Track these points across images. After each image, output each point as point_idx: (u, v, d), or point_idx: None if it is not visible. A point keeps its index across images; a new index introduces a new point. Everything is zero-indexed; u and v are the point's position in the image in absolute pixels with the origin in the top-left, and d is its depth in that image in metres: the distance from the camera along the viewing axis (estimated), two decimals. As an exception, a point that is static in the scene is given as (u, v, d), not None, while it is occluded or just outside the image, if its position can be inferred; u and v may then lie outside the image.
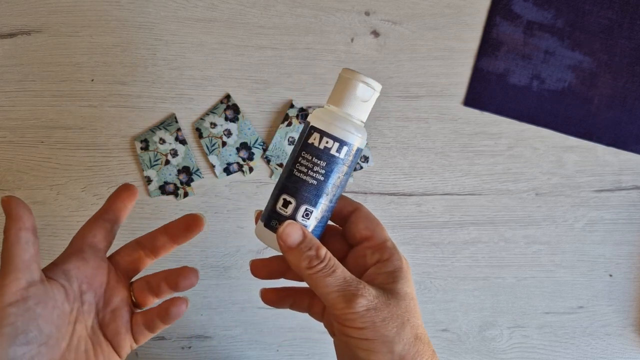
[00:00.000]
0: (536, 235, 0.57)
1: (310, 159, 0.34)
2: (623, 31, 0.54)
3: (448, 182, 0.55)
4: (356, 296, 0.31)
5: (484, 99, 0.54)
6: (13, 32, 0.50)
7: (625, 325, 0.59)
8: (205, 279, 0.55)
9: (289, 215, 0.34)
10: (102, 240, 0.36)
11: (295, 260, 0.32)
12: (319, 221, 0.34)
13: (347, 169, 0.34)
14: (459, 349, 0.58)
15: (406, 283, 0.34)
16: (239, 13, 0.51)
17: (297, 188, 0.34)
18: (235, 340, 0.57)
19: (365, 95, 0.34)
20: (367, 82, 0.34)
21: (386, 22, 0.53)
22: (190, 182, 0.53)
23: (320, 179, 0.34)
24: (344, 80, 0.34)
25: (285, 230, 0.32)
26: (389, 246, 0.35)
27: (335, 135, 0.33)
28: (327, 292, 0.32)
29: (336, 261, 0.33)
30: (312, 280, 0.32)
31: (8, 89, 0.51)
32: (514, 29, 0.53)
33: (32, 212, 0.33)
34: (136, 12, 0.51)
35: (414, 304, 0.33)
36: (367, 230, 0.36)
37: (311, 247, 0.32)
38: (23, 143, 0.52)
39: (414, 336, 0.32)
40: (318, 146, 0.33)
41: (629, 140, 0.55)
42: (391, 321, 0.31)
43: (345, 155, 0.34)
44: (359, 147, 0.34)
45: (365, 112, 0.35)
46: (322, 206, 0.34)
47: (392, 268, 0.34)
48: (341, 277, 0.32)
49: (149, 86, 0.52)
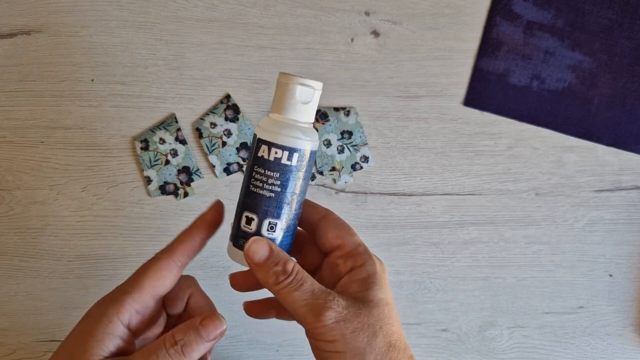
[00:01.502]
0: (536, 235, 0.57)
1: (263, 172, 0.33)
2: (623, 31, 0.54)
3: (448, 182, 0.55)
4: (324, 309, 0.31)
5: (484, 99, 0.54)
6: (13, 32, 0.50)
7: (625, 325, 0.59)
8: (205, 279, 0.55)
9: (254, 232, 0.33)
10: (168, 287, 0.35)
11: (263, 276, 0.32)
12: (285, 231, 0.34)
13: (304, 174, 0.34)
14: (459, 349, 0.58)
15: (380, 289, 0.33)
16: (239, 13, 0.51)
17: (257, 203, 0.33)
18: (235, 340, 0.56)
19: (305, 97, 0.33)
20: (305, 83, 0.33)
21: (386, 22, 0.53)
22: (191, 182, 0.53)
23: (277, 190, 0.33)
24: (281, 85, 0.33)
25: (251, 248, 0.32)
26: (360, 252, 0.34)
27: (283, 144, 0.32)
28: (295, 307, 0.31)
29: (304, 274, 0.32)
30: (281, 296, 0.32)
31: (8, 89, 0.51)
32: (514, 29, 0.53)
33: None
34: (136, 12, 0.51)
35: (389, 310, 0.33)
36: (338, 238, 0.35)
37: (278, 262, 0.32)
38: (23, 143, 0.52)
39: (386, 344, 0.31)
40: (268, 158, 0.33)
41: (629, 140, 0.55)
42: (361, 332, 0.31)
43: (297, 162, 0.33)
44: (311, 150, 0.33)
45: (310, 113, 0.34)
46: (285, 216, 0.33)
47: (364, 275, 0.33)
48: (309, 290, 0.31)
49: (149, 86, 0.52)
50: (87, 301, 0.55)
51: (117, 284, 0.36)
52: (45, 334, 0.55)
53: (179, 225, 0.54)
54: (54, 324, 0.55)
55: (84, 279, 0.54)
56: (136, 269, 0.34)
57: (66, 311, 0.55)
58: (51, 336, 0.55)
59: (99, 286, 0.54)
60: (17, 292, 0.53)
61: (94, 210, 0.53)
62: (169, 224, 0.54)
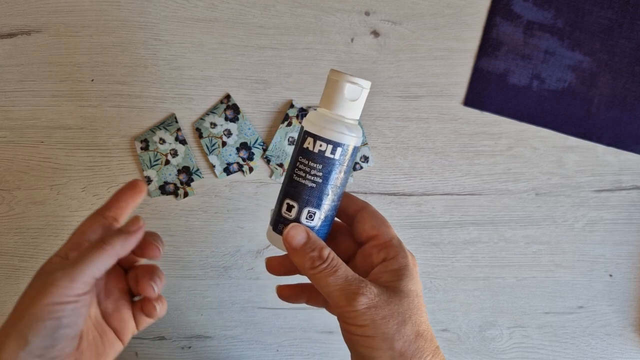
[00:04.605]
0: (536, 235, 0.57)
1: (307, 163, 0.34)
2: (623, 31, 0.54)
3: (448, 182, 0.55)
4: (357, 295, 0.32)
5: (484, 99, 0.54)
6: (13, 32, 0.50)
7: (625, 325, 0.59)
8: (205, 279, 0.55)
9: (293, 219, 0.35)
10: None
11: (300, 260, 0.34)
12: (323, 221, 0.36)
13: (345, 168, 0.35)
14: (459, 349, 0.58)
15: (411, 281, 0.35)
16: (239, 13, 0.51)
17: (299, 192, 0.35)
18: (235, 340, 0.57)
19: (353, 94, 0.35)
20: (355, 82, 0.34)
21: (386, 22, 0.53)
22: (190, 182, 0.53)
23: (319, 181, 0.34)
24: (331, 82, 0.35)
25: (290, 233, 0.34)
26: (394, 244, 0.36)
27: (328, 138, 0.34)
28: (329, 291, 0.33)
29: (339, 261, 0.34)
30: (316, 280, 0.33)
31: (8, 89, 0.51)
32: (514, 29, 0.53)
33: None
34: (136, 12, 0.51)
35: (418, 301, 0.34)
36: (373, 229, 0.37)
37: (314, 248, 0.34)
38: (23, 143, 0.52)
39: (415, 333, 0.33)
40: (313, 150, 0.34)
41: (629, 140, 0.55)
42: (391, 319, 0.32)
43: (340, 156, 0.34)
44: (354, 146, 0.35)
45: (357, 110, 0.35)
46: (324, 207, 0.35)
47: (397, 266, 0.35)
48: (343, 276, 0.33)
49: (149, 86, 0.52)
50: (87, 301, 0.55)
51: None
52: (45, 334, 0.55)
53: (179, 225, 0.54)
54: (54, 324, 0.55)
55: (84, 279, 0.54)
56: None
57: (66, 311, 0.55)
58: (51, 336, 0.55)
59: (99, 286, 0.54)
60: (17, 292, 0.53)
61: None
62: (168, 224, 0.54)
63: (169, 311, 0.55)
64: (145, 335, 0.56)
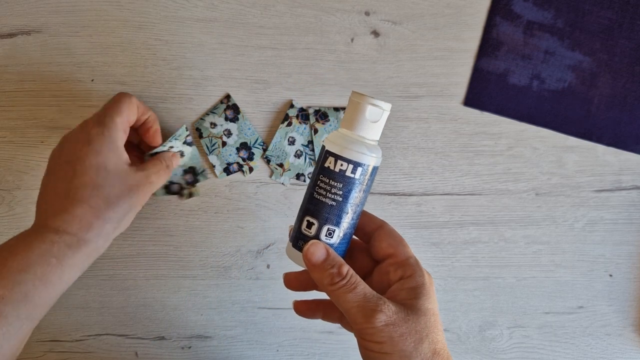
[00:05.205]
0: (536, 235, 0.57)
1: (327, 181, 0.35)
2: (623, 31, 0.54)
3: (448, 182, 0.55)
4: (375, 312, 0.33)
5: (484, 99, 0.54)
6: (13, 32, 0.50)
7: (625, 325, 0.59)
8: (205, 279, 0.55)
9: (313, 235, 0.36)
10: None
11: (319, 277, 0.35)
12: (342, 238, 0.36)
13: (365, 187, 0.36)
14: (459, 349, 0.58)
15: (428, 299, 0.35)
16: (239, 13, 0.51)
17: (319, 210, 0.36)
18: (235, 340, 0.57)
19: (374, 116, 0.36)
20: (376, 104, 0.36)
21: (386, 22, 0.53)
22: (196, 182, 0.53)
23: (339, 199, 0.35)
24: (353, 103, 0.36)
25: (310, 250, 0.35)
26: (411, 263, 0.37)
27: (349, 158, 0.35)
28: (348, 308, 0.34)
29: (358, 278, 0.34)
30: (334, 296, 0.34)
31: (8, 89, 0.51)
32: (514, 29, 0.53)
33: None
34: (136, 12, 0.51)
35: (435, 319, 0.35)
36: (391, 248, 0.38)
37: (334, 265, 0.35)
38: (23, 143, 0.52)
39: (431, 351, 0.33)
40: (334, 169, 0.35)
41: (629, 140, 0.55)
42: (409, 336, 0.33)
43: (360, 176, 0.35)
44: (374, 166, 0.36)
45: (377, 131, 0.37)
46: (343, 224, 0.36)
47: (414, 284, 0.36)
48: (362, 293, 0.34)
49: (149, 86, 0.52)
50: (87, 301, 0.55)
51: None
52: (45, 334, 0.55)
53: (179, 225, 0.54)
54: (54, 324, 0.55)
55: (84, 279, 0.54)
56: None
57: (66, 311, 0.55)
58: (51, 336, 0.55)
59: (99, 286, 0.54)
60: (17, 292, 0.53)
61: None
62: (169, 224, 0.54)
63: (169, 311, 0.55)
64: (145, 335, 0.56)
